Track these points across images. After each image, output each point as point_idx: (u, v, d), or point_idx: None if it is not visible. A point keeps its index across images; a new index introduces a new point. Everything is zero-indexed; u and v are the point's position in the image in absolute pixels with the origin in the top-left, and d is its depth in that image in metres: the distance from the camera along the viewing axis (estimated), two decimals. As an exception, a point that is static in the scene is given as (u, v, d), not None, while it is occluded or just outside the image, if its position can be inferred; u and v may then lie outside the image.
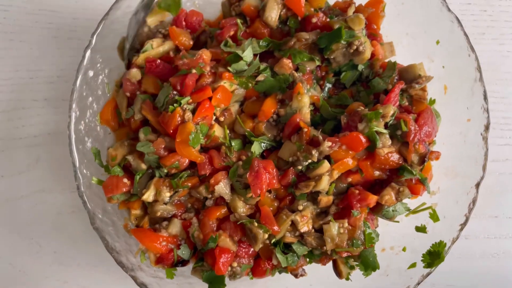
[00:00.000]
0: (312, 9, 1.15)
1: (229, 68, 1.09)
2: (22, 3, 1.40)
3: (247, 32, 1.17)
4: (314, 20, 1.12)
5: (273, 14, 1.13)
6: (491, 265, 1.31)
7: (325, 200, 1.05)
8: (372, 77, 1.13)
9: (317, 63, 1.12)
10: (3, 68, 1.37)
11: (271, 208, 1.08)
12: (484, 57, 1.36)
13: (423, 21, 1.12)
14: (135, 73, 1.12)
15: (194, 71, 1.06)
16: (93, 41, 1.12)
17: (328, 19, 1.13)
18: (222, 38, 1.14)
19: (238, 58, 1.09)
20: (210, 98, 1.06)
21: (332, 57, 1.11)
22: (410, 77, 1.10)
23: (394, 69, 1.11)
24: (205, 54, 1.08)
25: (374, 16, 1.16)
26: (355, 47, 1.08)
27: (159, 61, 1.12)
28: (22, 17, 1.40)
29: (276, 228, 1.03)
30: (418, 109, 1.09)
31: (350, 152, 1.02)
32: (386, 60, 1.15)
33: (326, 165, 1.01)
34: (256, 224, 1.05)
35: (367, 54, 1.09)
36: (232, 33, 1.15)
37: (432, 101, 1.17)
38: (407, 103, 1.10)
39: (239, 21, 1.16)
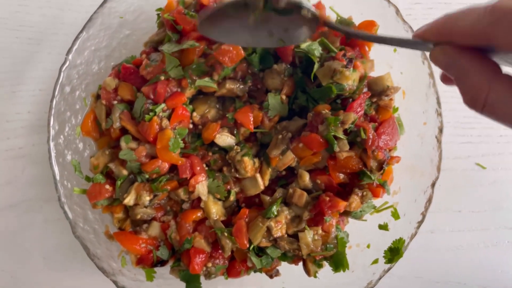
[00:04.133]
0: None
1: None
2: (2, 19, 1.44)
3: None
4: None
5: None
6: (455, 256, 1.36)
7: (298, 193, 1.11)
8: None
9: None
10: (-14, 84, 1.40)
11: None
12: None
13: (380, 30, 1.14)
14: (109, 81, 1.14)
15: (162, 77, 1.08)
16: (69, 59, 1.16)
17: None
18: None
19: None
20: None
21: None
22: (379, 88, 1.11)
23: (364, 81, 1.12)
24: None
25: None
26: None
27: (133, 67, 1.13)
28: (3, 33, 1.44)
29: (245, 242, 1.08)
30: (383, 117, 1.13)
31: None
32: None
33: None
34: (226, 234, 1.10)
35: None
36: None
37: (395, 109, 1.20)
38: (373, 112, 1.14)
39: None
